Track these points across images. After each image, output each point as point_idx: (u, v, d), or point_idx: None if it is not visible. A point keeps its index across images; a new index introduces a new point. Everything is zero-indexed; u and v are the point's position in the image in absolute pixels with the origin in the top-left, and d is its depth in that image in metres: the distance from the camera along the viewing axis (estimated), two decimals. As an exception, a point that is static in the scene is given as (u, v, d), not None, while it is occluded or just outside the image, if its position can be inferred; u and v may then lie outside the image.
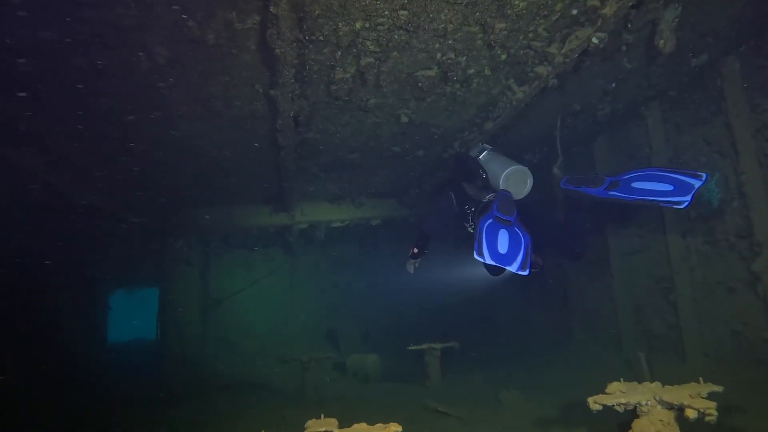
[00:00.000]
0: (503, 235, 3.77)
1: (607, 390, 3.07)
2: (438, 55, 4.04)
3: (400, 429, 2.35)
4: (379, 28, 3.57)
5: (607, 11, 3.47)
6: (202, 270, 8.63)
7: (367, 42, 3.77)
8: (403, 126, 5.45)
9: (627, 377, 5.26)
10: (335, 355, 8.08)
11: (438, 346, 6.72)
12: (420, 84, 4.48)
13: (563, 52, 3.87)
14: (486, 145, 4.58)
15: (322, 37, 3.66)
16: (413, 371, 7.32)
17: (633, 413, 2.89)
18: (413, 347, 6.73)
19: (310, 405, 6.44)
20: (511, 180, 4.06)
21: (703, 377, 4.04)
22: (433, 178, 7.19)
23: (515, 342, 8.75)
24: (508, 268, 3.71)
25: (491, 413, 5.37)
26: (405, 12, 3.40)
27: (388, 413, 5.78)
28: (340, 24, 3.50)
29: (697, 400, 2.56)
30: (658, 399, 2.74)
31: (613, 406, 2.78)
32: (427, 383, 6.72)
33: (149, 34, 3.55)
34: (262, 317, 9.39)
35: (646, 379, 5.10)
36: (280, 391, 7.17)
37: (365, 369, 7.86)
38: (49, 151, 5.53)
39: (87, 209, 7.03)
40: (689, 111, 5.15)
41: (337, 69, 4.19)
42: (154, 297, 8.74)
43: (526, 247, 3.73)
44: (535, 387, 6.06)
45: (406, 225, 8.77)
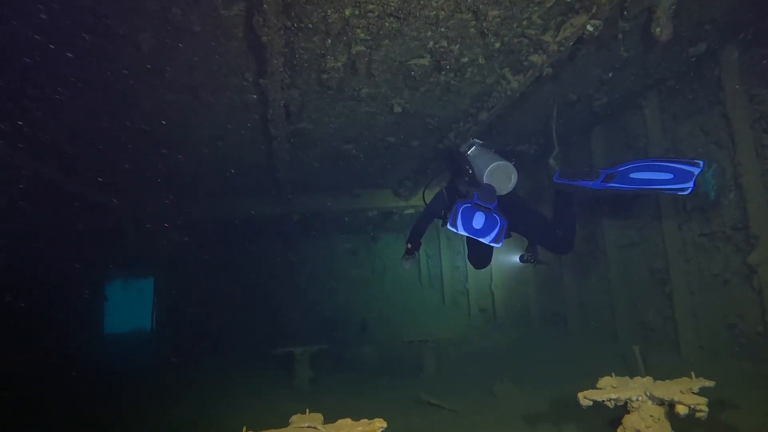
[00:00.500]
0: (479, 216, 3.80)
1: (599, 384, 3.03)
2: (430, 43, 3.95)
3: (384, 425, 2.31)
4: (369, 15, 3.48)
5: (603, -2, 3.39)
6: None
7: (358, 30, 3.68)
8: (397, 116, 5.37)
9: (622, 370, 5.25)
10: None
11: (432, 337, 6.70)
12: (413, 73, 4.39)
13: (558, 40, 3.78)
14: (476, 140, 4.52)
15: (311, 25, 3.58)
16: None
17: (624, 409, 2.85)
18: (409, 339, 6.70)
19: (304, 397, 6.43)
20: (495, 175, 4.05)
21: (698, 370, 4.00)
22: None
23: (512, 334, 8.72)
24: (481, 239, 3.74)
25: (485, 406, 5.35)
26: (395, -2, 3.32)
27: (381, 407, 5.79)
28: (329, 11, 3.41)
29: (688, 395, 2.51)
30: (648, 394, 2.69)
31: (603, 401, 2.73)
32: (422, 375, 6.71)
33: (133, 20, 3.47)
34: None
35: (640, 373, 5.07)
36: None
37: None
38: (39, 143, 5.47)
39: (80, 200, 6.98)
40: (686, 101, 5.07)
41: (328, 58, 4.10)
42: (149, 288, 8.70)
43: (501, 226, 3.73)
44: (530, 380, 6.04)
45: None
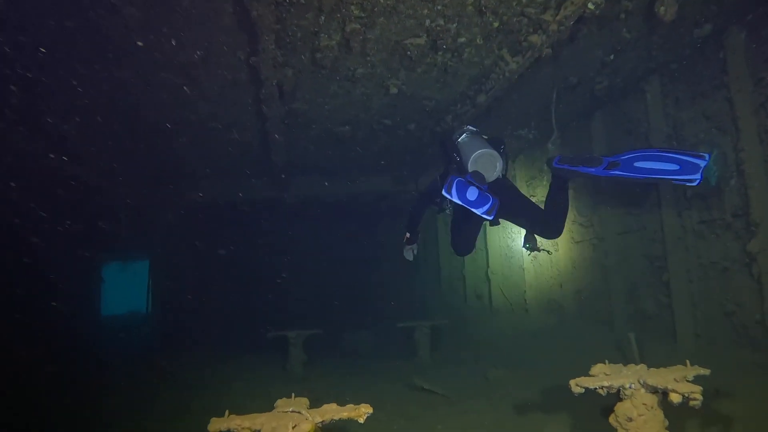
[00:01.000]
0: (473, 191, 3.75)
1: (591, 372, 2.98)
2: (426, 22, 3.84)
3: (370, 410, 2.26)
4: (363, -10, 3.37)
5: (605, -26, 3.27)
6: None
7: (352, 6, 3.57)
8: (393, 97, 5.27)
9: (617, 358, 5.21)
10: None
11: (427, 323, 6.66)
12: (409, 53, 4.29)
13: (558, 19, 3.66)
14: (469, 127, 4.44)
15: (303, 0, 3.47)
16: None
17: (617, 396, 2.80)
18: (402, 324, 6.67)
19: (297, 381, 6.42)
20: (480, 163, 4.01)
21: (694, 358, 3.95)
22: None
23: (506, 320, 8.69)
24: (474, 210, 3.69)
25: (478, 391, 5.33)
26: (389, -27, 3.21)
27: (374, 392, 5.78)
28: (321, -15, 3.31)
29: (682, 383, 2.46)
30: (642, 382, 2.64)
31: (596, 389, 2.68)
32: (416, 360, 6.69)
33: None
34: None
35: (635, 360, 5.04)
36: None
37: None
38: (31, 124, 5.38)
39: (75, 181, 6.90)
40: (690, 85, 4.95)
41: (322, 36, 3.99)
42: (144, 270, 8.66)
43: (494, 203, 3.68)
44: (525, 365, 6.02)
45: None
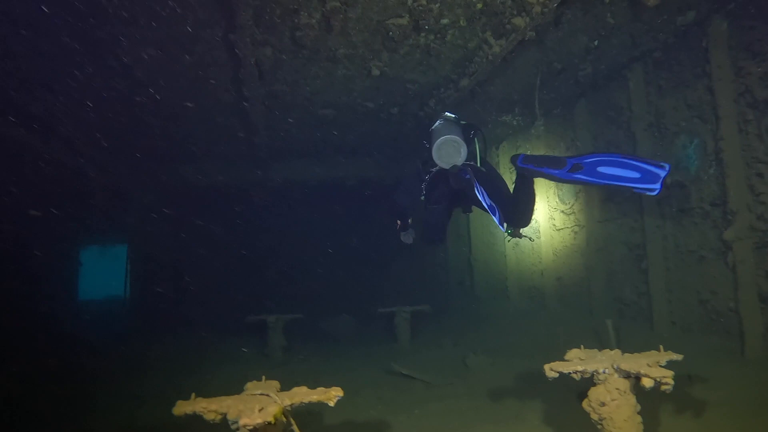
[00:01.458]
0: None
1: (567, 357, 2.97)
2: (409, 1, 3.76)
3: (340, 393, 2.23)
4: (343, -34, 3.28)
5: (590, -44, 3.21)
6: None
7: (332, -18, 3.48)
8: (376, 80, 5.19)
9: (595, 344, 5.23)
10: None
11: (408, 309, 6.65)
12: (391, 33, 4.21)
13: (542, 1, 3.61)
14: (447, 114, 4.40)
15: (281, -26, 3.37)
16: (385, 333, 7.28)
17: (591, 381, 2.80)
18: (383, 310, 6.65)
19: (277, 366, 6.37)
20: (443, 150, 4.04)
21: (669, 345, 3.98)
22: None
23: (488, 306, 8.72)
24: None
25: (457, 377, 5.35)
26: (370, -52, 3.11)
27: (352, 377, 5.76)
28: (299, -41, 3.20)
29: (654, 368, 2.46)
30: (615, 367, 2.64)
31: (570, 374, 2.68)
32: (396, 346, 6.68)
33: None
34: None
35: (611, 346, 5.08)
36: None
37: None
38: (9, 105, 5.20)
39: (53, 164, 6.71)
40: (672, 74, 4.94)
41: (302, 14, 3.89)
42: (122, 254, 8.50)
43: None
44: (504, 351, 6.04)
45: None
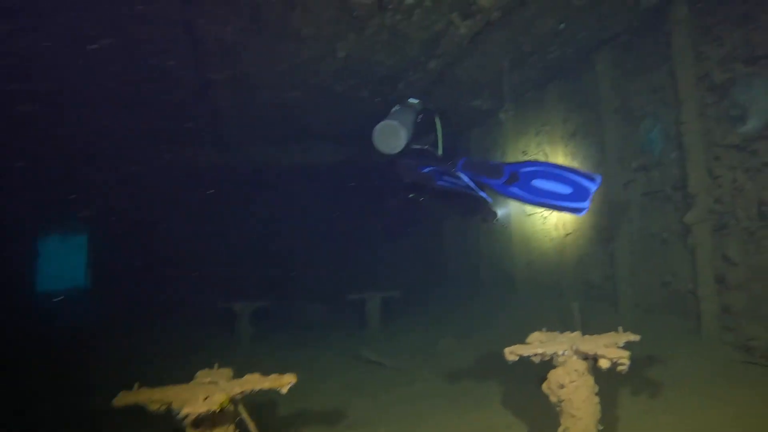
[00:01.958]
0: None
1: (528, 340, 2.98)
2: (372, -21, 3.66)
3: (293, 380, 2.18)
4: (301, -61, 3.16)
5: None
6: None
7: (291, -43, 3.35)
8: (342, 61, 5.07)
9: (562, 327, 5.29)
10: None
11: (378, 294, 6.61)
12: (355, 13, 4.10)
13: (506, -20, 3.55)
14: (412, 100, 4.36)
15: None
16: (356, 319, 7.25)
17: (551, 364, 2.80)
18: (352, 296, 6.60)
19: (245, 354, 6.28)
20: (382, 135, 3.99)
21: (632, 326, 4.03)
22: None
23: (461, 291, 8.77)
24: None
25: (426, 362, 5.35)
26: None
27: (321, 364, 5.72)
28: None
29: (611, 349, 2.47)
30: (574, 349, 2.64)
31: (529, 357, 2.67)
32: (366, 332, 6.66)
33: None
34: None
35: (577, 329, 5.14)
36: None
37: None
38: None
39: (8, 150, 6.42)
40: (638, 57, 4.97)
41: (261, -11, 3.76)
42: (82, 243, 8.23)
43: None
44: (474, 335, 6.08)
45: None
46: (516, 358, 2.69)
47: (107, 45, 4.39)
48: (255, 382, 2.15)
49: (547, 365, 2.81)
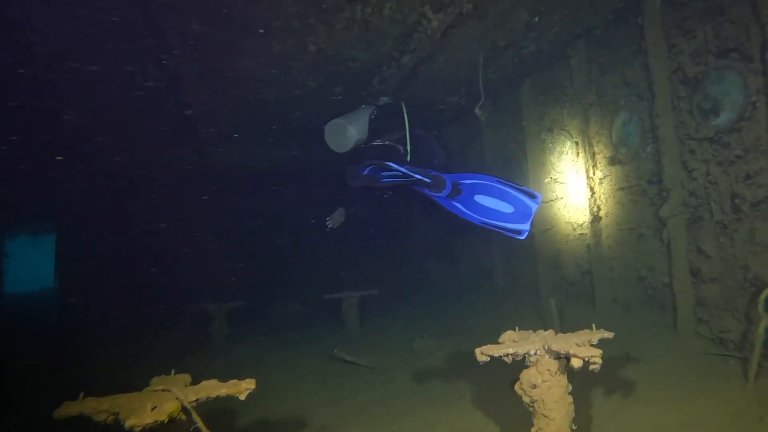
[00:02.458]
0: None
1: (501, 339, 2.91)
2: (339, -31, 3.55)
3: (252, 386, 2.08)
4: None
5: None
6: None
7: (253, -54, 3.22)
8: (314, 56, 4.95)
9: (539, 324, 5.26)
10: None
11: (356, 294, 6.51)
12: (324, 5, 3.99)
13: (476, -29, 3.47)
14: (383, 98, 4.32)
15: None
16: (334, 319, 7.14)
17: (524, 364, 2.74)
18: (329, 296, 6.49)
19: (221, 356, 6.15)
20: (330, 134, 4.01)
21: (610, 322, 3.98)
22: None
23: (440, 290, 8.72)
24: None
25: (402, 361, 5.28)
26: None
27: (298, 365, 5.60)
28: None
29: (583, 348, 2.41)
30: (546, 348, 2.58)
31: (501, 357, 2.60)
32: (344, 331, 6.55)
33: None
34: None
35: (554, 326, 5.12)
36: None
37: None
38: None
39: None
40: (612, 51, 4.94)
41: (225, -21, 3.62)
42: (50, 243, 7.98)
43: None
44: (452, 334, 6.02)
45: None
46: (487, 358, 2.62)
47: (69, 36, 4.21)
48: (211, 389, 2.04)
49: (521, 365, 2.75)
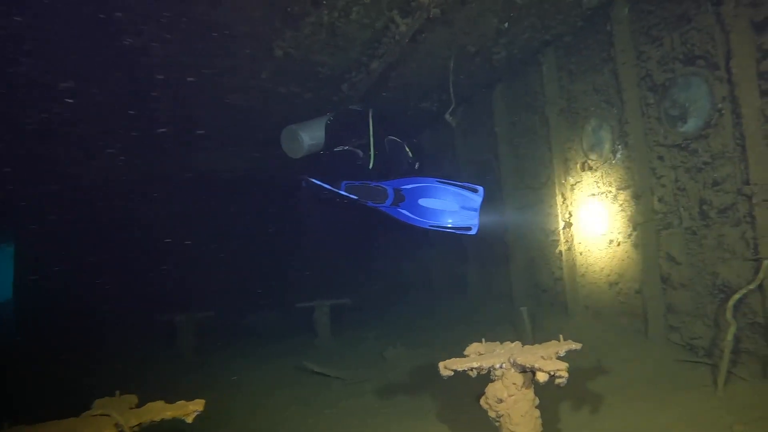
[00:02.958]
0: None
1: (466, 351, 2.83)
2: (301, -28, 3.46)
3: (199, 408, 1.95)
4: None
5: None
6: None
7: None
8: (281, 61, 4.84)
9: (511, 332, 5.20)
10: None
11: (327, 302, 6.38)
12: (289, 8, 3.89)
13: (442, -25, 3.41)
14: (351, 106, 4.30)
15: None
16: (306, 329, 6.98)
17: (488, 378, 2.65)
18: (301, 305, 6.35)
19: (191, 369, 5.95)
20: (284, 140, 4.04)
21: (581, 330, 3.94)
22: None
23: (414, 299, 8.63)
24: None
25: (374, 372, 5.17)
26: None
27: (269, 376, 5.45)
28: None
29: (549, 362, 2.34)
30: (512, 361, 2.50)
31: (465, 371, 2.51)
32: (316, 341, 6.41)
33: None
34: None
35: (527, 334, 5.07)
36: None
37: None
38: None
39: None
40: (582, 58, 4.94)
41: (184, -18, 3.50)
42: (9, 254, 7.67)
43: None
44: (424, 343, 5.92)
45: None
46: (451, 373, 2.53)
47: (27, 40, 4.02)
48: (155, 412, 1.91)
49: (487, 378, 2.67)
